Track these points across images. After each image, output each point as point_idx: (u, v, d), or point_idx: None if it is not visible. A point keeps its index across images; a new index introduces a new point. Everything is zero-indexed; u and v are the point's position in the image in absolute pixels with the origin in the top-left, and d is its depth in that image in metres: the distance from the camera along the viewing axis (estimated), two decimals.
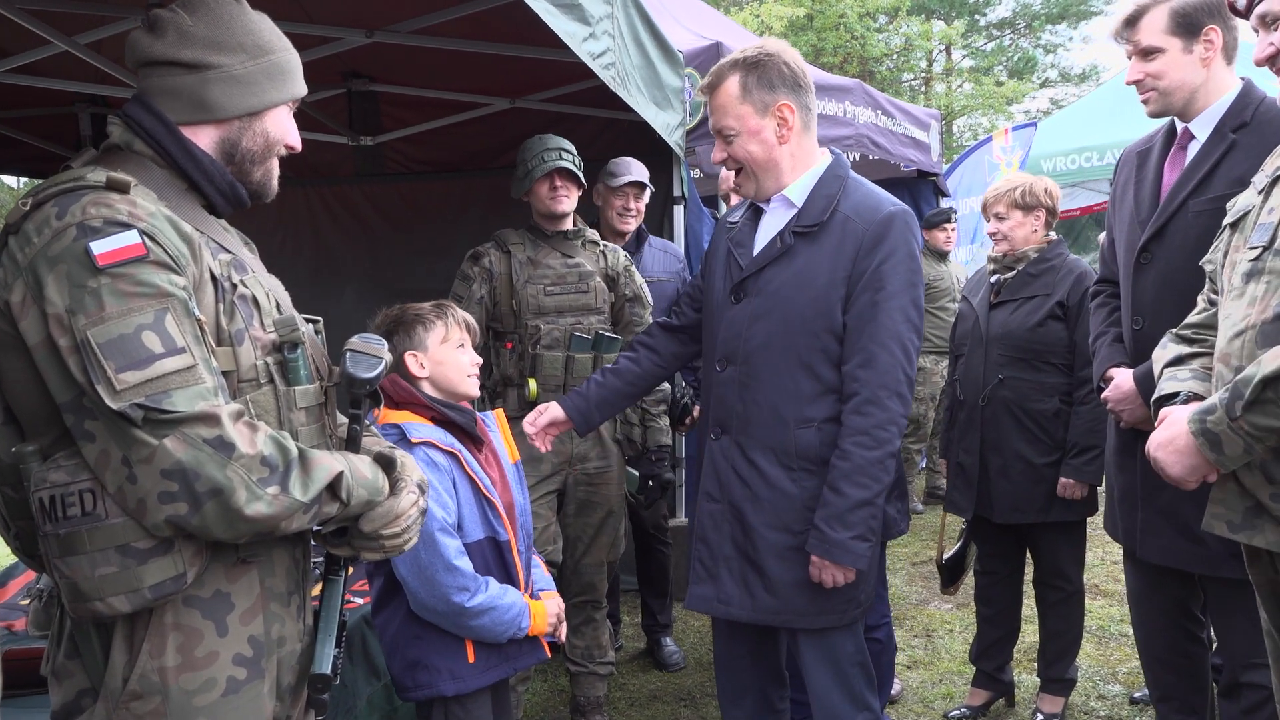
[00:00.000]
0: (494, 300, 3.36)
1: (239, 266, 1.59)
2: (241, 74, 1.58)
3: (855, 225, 2.32)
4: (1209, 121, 2.48)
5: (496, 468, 2.36)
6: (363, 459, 1.61)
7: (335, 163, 5.09)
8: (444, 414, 2.25)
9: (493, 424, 2.46)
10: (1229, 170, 2.41)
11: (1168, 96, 2.49)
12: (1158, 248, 2.52)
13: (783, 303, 2.35)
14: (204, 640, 1.49)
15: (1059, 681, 3.50)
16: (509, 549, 2.28)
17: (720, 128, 2.37)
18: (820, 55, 19.23)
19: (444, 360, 2.29)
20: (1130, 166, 2.70)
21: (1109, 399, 2.61)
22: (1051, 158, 8.90)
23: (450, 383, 2.30)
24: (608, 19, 3.07)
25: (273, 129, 1.64)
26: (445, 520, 2.16)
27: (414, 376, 2.28)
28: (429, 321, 2.29)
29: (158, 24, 1.57)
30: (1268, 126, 2.39)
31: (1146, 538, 2.59)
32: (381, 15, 3.50)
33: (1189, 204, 2.46)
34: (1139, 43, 2.48)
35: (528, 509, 2.46)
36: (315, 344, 1.71)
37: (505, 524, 2.28)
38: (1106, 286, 2.81)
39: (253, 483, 1.39)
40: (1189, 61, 2.47)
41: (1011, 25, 24.80)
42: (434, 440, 2.21)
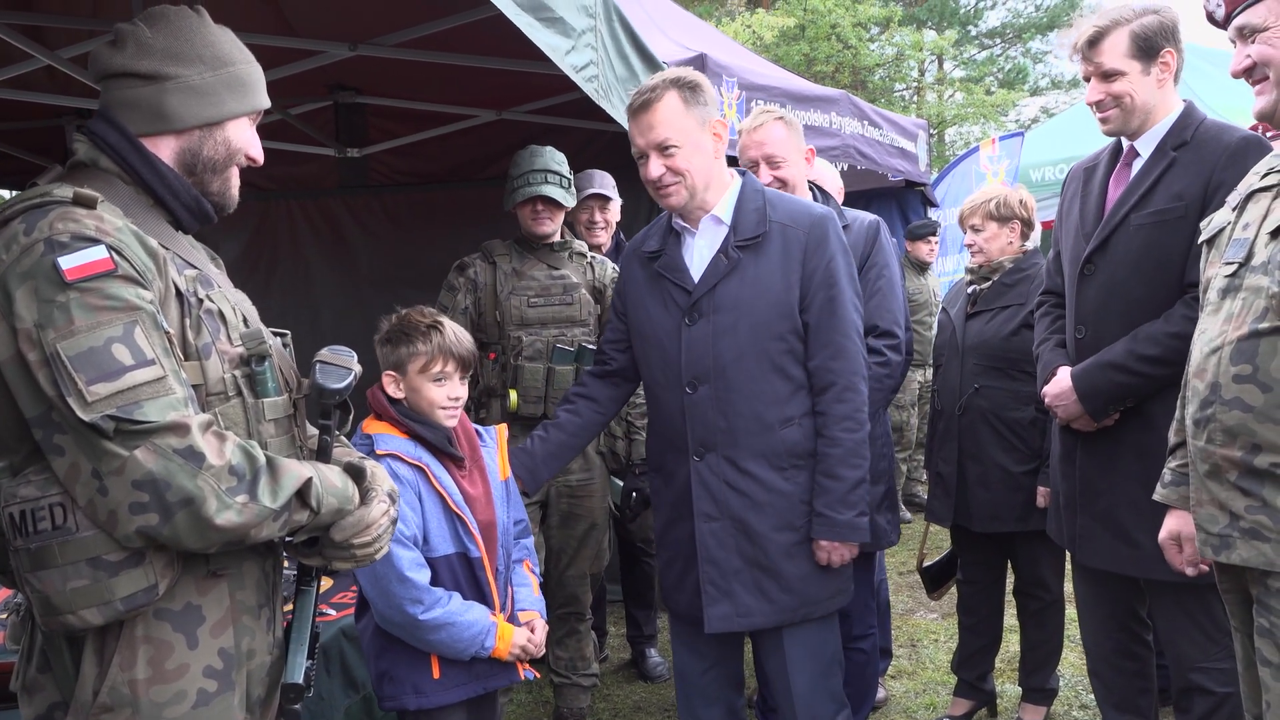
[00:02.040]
0: (479, 311, 3.38)
1: (205, 281, 1.61)
2: (199, 84, 1.60)
3: (794, 231, 2.45)
4: (1152, 140, 2.58)
5: (481, 484, 2.35)
6: (333, 468, 1.63)
7: (319, 175, 5.10)
8: (413, 430, 2.26)
9: (491, 440, 2.46)
10: (1168, 186, 2.51)
11: (1128, 116, 2.57)
12: (1101, 259, 2.60)
13: (745, 314, 2.42)
14: (174, 653, 1.50)
15: (1040, 691, 3.52)
16: (481, 566, 2.27)
17: (661, 140, 2.38)
18: (813, 65, 19.30)
19: (417, 389, 2.28)
20: (1077, 182, 2.79)
21: (1047, 394, 2.71)
22: (1040, 167, 8.94)
23: (420, 412, 2.29)
24: (590, 32, 3.08)
25: (234, 139, 1.66)
26: (402, 532, 2.16)
27: (391, 396, 2.30)
28: (414, 345, 2.26)
29: (119, 37, 1.60)
30: (1204, 146, 2.49)
31: (1085, 543, 2.67)
32: (365, 28, 3.52)
33: (1130, 218, 2.55)
34: (1100, 65, 2.54)
35: (514, 528, 2.45)
36: (283, 356, 1.73)
37: (477, 541, 2.27)
38: (1050, 298, 2.91)
39: (222, 492, 1.40)
40: (1148, 83, 2.55)
41: (1002, 35, 24.91)
42: (399, 453, 2.23)
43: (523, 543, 2.52)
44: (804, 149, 3.12)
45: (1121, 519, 2.56)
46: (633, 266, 2.62)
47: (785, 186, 2.99)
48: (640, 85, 2.44)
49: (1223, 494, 1.87)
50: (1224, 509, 1.87)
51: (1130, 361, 2.50)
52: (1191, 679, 2.56)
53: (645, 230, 2.68)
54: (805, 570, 2.46)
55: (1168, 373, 2.44)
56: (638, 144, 2.42)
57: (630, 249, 2.67)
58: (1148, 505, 2.45)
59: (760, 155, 3.05)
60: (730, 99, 4.67)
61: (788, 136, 3.06)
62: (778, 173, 3.03)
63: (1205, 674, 2.54)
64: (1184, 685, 2.59)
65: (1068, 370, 2.65)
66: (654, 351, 2.53)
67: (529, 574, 2.51)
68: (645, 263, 2.57)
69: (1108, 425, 2.60)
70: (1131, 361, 2.49)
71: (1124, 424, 2.58)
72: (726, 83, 4.63)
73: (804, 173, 3.12)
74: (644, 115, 2.38)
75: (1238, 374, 1.84)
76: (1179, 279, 2.49)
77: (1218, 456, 1.88)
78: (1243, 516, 1.84)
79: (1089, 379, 2.57)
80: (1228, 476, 1.86)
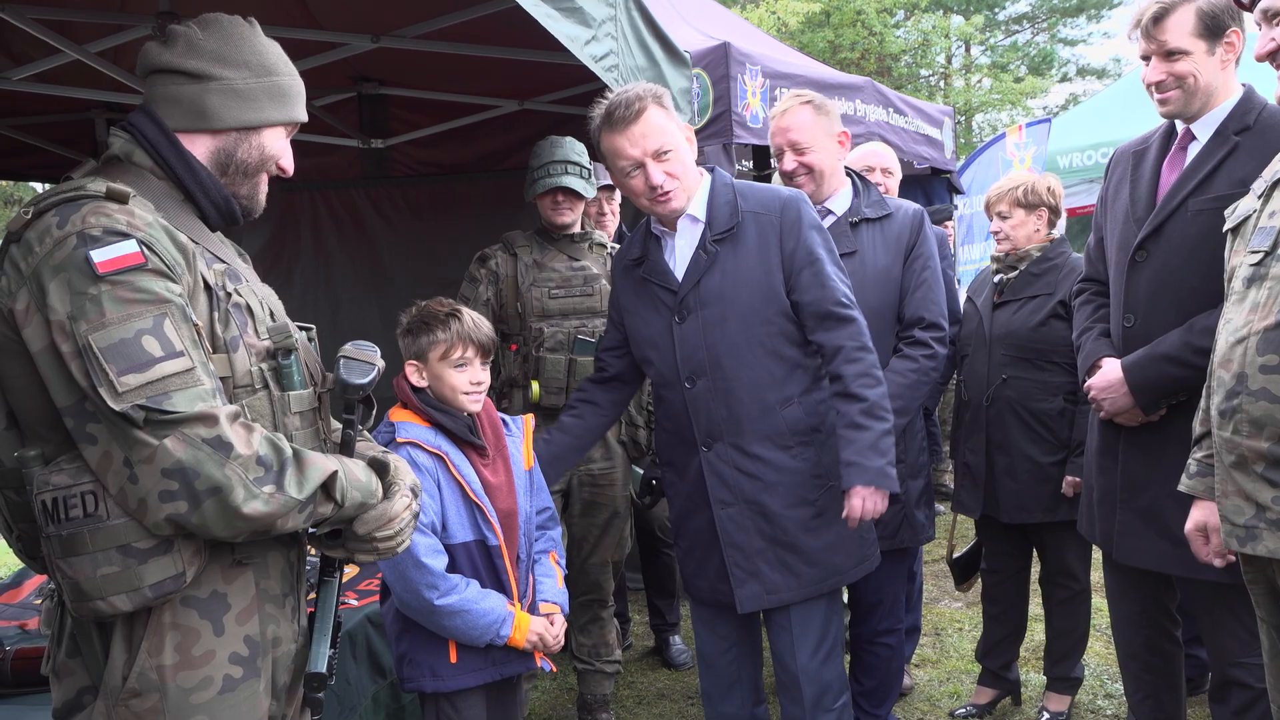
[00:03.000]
0: (500, 302, 3.39)
1: (233, 276, 1.64)
2: (243, 88, 1.64)
3: (766, 218, 2.49)
4: (1211, 124, 2.47)
5: (503, 473, 2.38)
6: (356, 463, 1.65)
7: (342, 166, 5.14)
8: (434, 418, 2.31)
9: (517, 430, 2.50)
10: (1231, 172, 2.40)
11: (1190, 98, 2.45)
12: (1154, 246, 2.51)
13: (731, 304, 2.46)
14: (201, 639, 1.53)
15: (1065, 680, 3.50)
16: (499, 554, 2.31)
17: (659, 147, 2.40)
18: (838, 51, 19.17)
19: (440, 375, 2.32)
20: (1125, 166, 2.68)
21: (1093, 386, 2.62)
22: (1068, 154, 8.85)
23: (444, 398, 2.33)
24: (610, 21, 3.08)
25: (268, 146, 1.69)
26: (421, 516, 2.16)
27: (414, 384, 2.35)
28: (434, 334, 2.31)
29: (171, 36, 1.64)
30: (1270, 132, 2.39)
31: (1124, 540, 2.60)
32: (387, 21, 3.54)
33: (1188, 203, 2.45)
34: (1165, 43, 2.43)
35: (537, 517, 2.47)
36: (309, 350, 1.76)
37: (495, 529, 2.30)
38: (1091, 285, 2.81)
39: (249, 481, 1.43)
40: (1212, 64, 2.43)
41: (1030, 20, 24.63)
42: (419, 441, 2.28)
43: (549, 534, 2.54)
44: (835, 133, 3.02)
45: (1166, 516, 2.48)
46: (621, 276, 2.67)
47: (812, 173, 2.97)
48: (612, 101, 2.43)
49: (1249, 485, 1.85)
50: (1250, 500, 1.85)
51: (1186, 354, 2.40)
52: (1231, 673, 2.52)
53: (628, 241, 2.72)
54: (826, 542, 2.52)
55: None
56: (630, 155, 2.41)
57: (617, 260, 2.71)
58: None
59: (784, 141, 3.00)
60: (755, 87, 4.66)
61: (814, 121, 2.98)
62: (803, 159, 2.97)
63: (1245, 669, 2.49)
64: (1223, 679, 2.55)
65: (1115, 362, 2.57)
66: (651, 353, 2.58)
67: (554, 565, 2.52)
68: (630, 270, 2.62)
69: (1152, 419, 2.54)
70: (1187, 354, 2.40)
71: (1171, 417, 2.51)
72: (750, 71, 4.62)
73: (835, 158, 3.02)
74: (633, 127, 2.39)
75: (1264, 364, 1.81)
76: None
77: (1244, 447, 1.85)
78: (1269, 508, 1.82)
79: (1142, 371, 2.48)
80: (1254, 468, 1.84)
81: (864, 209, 2.98)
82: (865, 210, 2.98)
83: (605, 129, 2.43)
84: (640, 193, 2.45)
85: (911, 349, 2.90)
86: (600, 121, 2.44)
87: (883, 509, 2.47)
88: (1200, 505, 2.12)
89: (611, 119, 2.41)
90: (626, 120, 2.39)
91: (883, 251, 2.94)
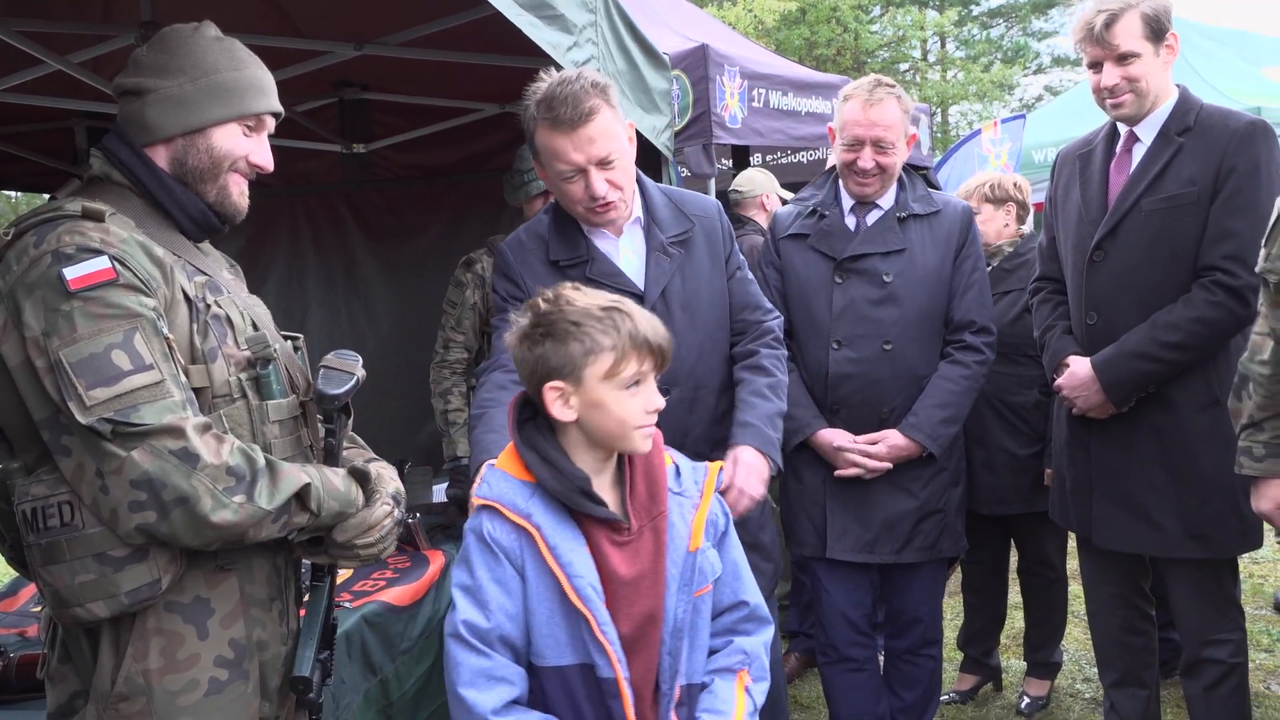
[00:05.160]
0: (486, 306, 3.43)
1: (214, 288, 1.68)
2: (178, 94, 1.66)
3: (709, 222, 2.47)
4: (1154, 125, 2.59)
5: (647, 558, 1.61)
6: (336, 472, 1.69)
7: (323, 171, 5.15)
8: (539, 472, 1.60)
9: (694, 484, 1.71)
10: (1179, 172, 2.53)
11: (1143, 100, 2.56)
12: (1111, 246, 2.61)
13: (695, 310, 2.39)
14: (185, 643, 1.58)
15: (1045, 665, 3.59)
16: (615, 691, 1.55)
17: (604, 155, 2.19)
18: (814, 48, 19.27)
19: (602, 403, 1.58)
20: (1072, 168, 2.78)
21: (1063, 385, 2.70)
22: (1043, 148, 8.94)
23: (605, 434, 1.60)
24: (591, 27, 3.13)
25: (220, 146, 1.69)
26: (476, 623, 1.54)
27: (553, 417, 1.60)
28: (593, 341, 1.57)
29: (129, 61, 1.68)
30: (1211, 131, 2.52)
31: (1103, 526, 2.69)
32: (369, 28, 3.57)
33: (1141, 203, 2.57)
34: (1118, 47, 2.53)
35: (695, 624, 1.65)
36: (293, 360, 1.79)
37: (610, 652, 1.54)
38: (1047, 283, 2.91)
39: (218, 491, 1.48)
40: (1158, 66, 2.55)
41: (1003, 14, 24.81)
42: (500, 504, 1.59)
43: (736, 644, 1.71)
44: (910, 134, 2.82)
45: (1143, 501, 2.60)
46: (541, 272, 2.33)
47: (885, 174, 2.75)
48: (556, 92, 2.17)
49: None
50: None
51: (1154, 349, 2.51)
52: (1203, 651, 2.64)
53: (528, 234, 2.43)
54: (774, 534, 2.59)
55: (1190, 357, 2.49)
56: (572, 160, 2.18)
57: (532, 256, 2.38)
58: (1168, 486, 2.54)
59: (869, 136, 2.70)
60: (733, 88, 4.71)
61: (902, 119, 2.74)
62: (884, 158, 2.72)
63: (1217, 646, 2.62)
64: (1195, 656, 2.66)
65: (1083, 360, 2.65)
66: None
67: (735, 693, 1.67)
68: (560, 271, 2.30)
69: (1121, 411, 2.63)
70: (1155, 349, 2.51)
71: (1142, 407, 2.61)
72: (729, 72, 4.67)
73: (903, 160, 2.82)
74: (581, 130, 2.14)
75: None
76: (1193, 263, 2.52)
77: None
78: None
79: (1114, 369, 2.57)
80: None
81: (912, 204, 2.80)
82: (913, 205, 2.80)
83: (546, 124, 2.17)
84: (578, 200, 2.25)
85: (963, 354, 2.78)
86: (539, 112, 2.18)
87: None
88: (1274, 484, 2.22)
89: (556, 116, 2.15)
90: (574, 122, 2.14)
91: (932, 250, 2.78)
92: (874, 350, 2.74)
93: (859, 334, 2.74)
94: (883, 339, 2.73)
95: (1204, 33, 10.09)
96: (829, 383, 2.77)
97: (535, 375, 1.60)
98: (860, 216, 2.82)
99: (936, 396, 2.74)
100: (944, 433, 2.73)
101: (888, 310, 2.74)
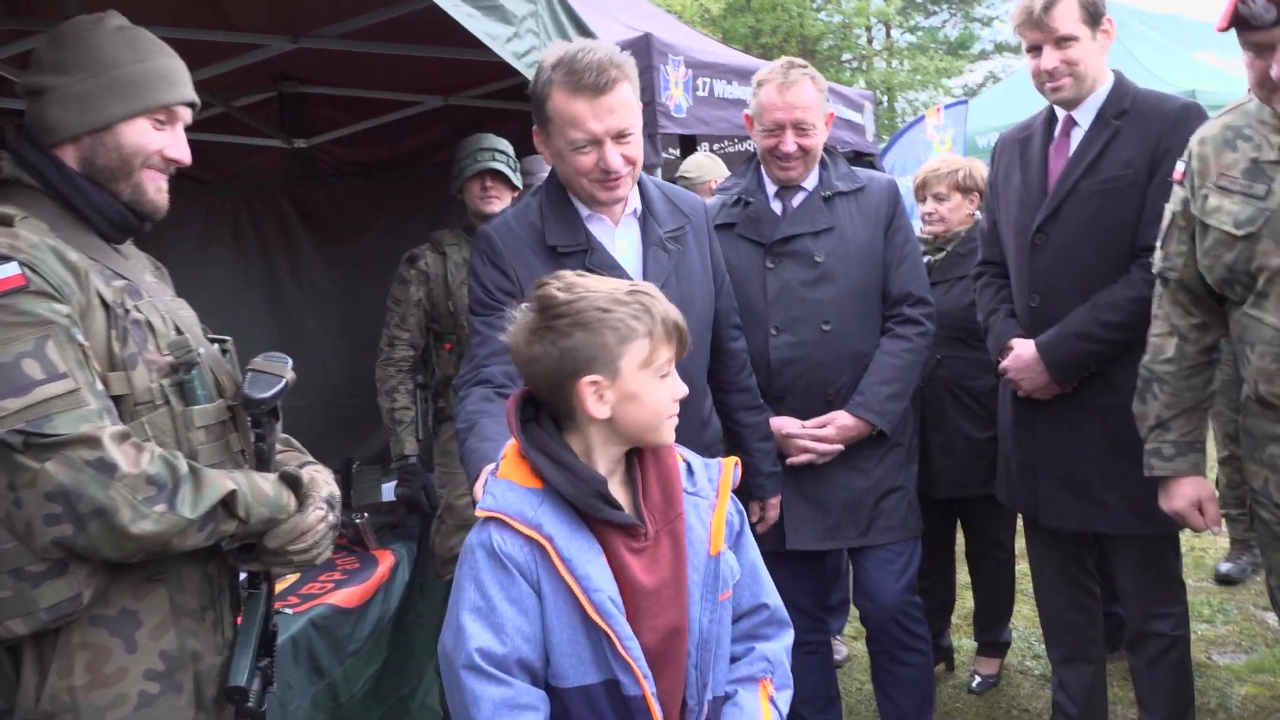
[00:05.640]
0: (431, 302, 3.41)
1: (133, 292, 1.63)
2: (79, 91, 1.60)
3: (697, 220, 2.36)
4: (1091, 109, 2.62)
5: (668, 565, 1.49)
6: (267, 478, 1.65)
7: (265, 167, 5.07)
8: (550, 476, 1.47)
9: (709, 482, 1.61)
10: (1116, 154, 2.57)
11: (1081, 84, 2.60)
12: (1052, 229, 2.65)
13: (690, 310, 2.18)
14: (112, 657, 1.53)
15: (995, 644, 3.65)
16: (643, 708, 1.44)
17: (624, 128, 2.09)
18: (759, 36, 19.33)
19: (638, 394, 1.49)
20: (1012, 153, 2.82)
21: (1008, 368, 2.74)
22: (986, 133, 9.04)
23: (639, 427, 1.51)
24: (532, 17, 3.09)
25: (129, 143, 1.63)
26: (491, 649, 1.41)
27: (586, 415, 1.49)
28: (627, 328, 1.47)
29: (31, 58, 1.63)
30: (1147, 115, 2.57)
31: (1050, 505, 2.73)
32: (305, 21, 3.51)
33: (1080, 186, 2.60)
34: (1056, 30, 2.55)
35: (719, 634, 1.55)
36: (220, 364, 1.74)
37: (634, 670, 1.43)
38: (990, 267, 2.95)
39: (138, 501, 1.43)
40: (1094, 49, 2.59)
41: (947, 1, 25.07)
42: (509, 517, 1.45)
43: (758, 651, 1.63)
44: (827, 112, 2.77)
45: (1088, 480, 2.64)
46: (533, 261, 2.17)
47: (808, 156, 2.71)
48: (578, 57, 2.06)
49: None
50: None
51: (1095, 329, 2.56)
52: (1148, 625, 2.70)
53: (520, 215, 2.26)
54: None
55: (1131, 336, 2.53)
56: (590, 129, 2.05)
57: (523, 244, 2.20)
58: (1112, 464, 2.59)
59: (789, 120, 2.66)
60: (677, 77, 4.70)
61: (819, 99, 2.70)
62: (804, 141, 2.68)
63: (1160, 619, 2.69)
64: (1139, 630, 2.73)
65: (1027, 342, 2.68)
66: None
67: (761, 703, 1.59)
68: (556, 258, 2.15)
69: (1065, 392, 2.67)
70: (1096, 329, 2.55)
71: (1085, 387, 2.65)
72: (673, 61, 4.66)
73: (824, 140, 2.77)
74: (604, 98, 2.04)
75: None
76: (1131, 244, 2.56)
77: None
78: None
79: (1056, 350, 2.60)
80: None
81: (835, 182, 2.76)
82: (837, 184, 2.76)
83: (565, 88, 2.04)
84: (586, 172, 2.10)
85: (903, 328, 2.76)
86: (557, 75, 2.05)
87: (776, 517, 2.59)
88: (1189, 482, 2.28)
89: (579, 81, 2.02)
90: (598, 89, 2.02)
91: (862, 226, 2.74)
92: (813, 332, 2.70)
93: (796, 317, 2.70)
94: (821, 320, 2.70)
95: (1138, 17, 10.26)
96: (771, 370, 2.71)
97: (561, 371, 1.46)
98: (785, 200, 2.79)
99: (881, 373, 2.71)
100: (892, 408, 2.70)
101: (823, 290, 2.70)
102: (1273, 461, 2.08)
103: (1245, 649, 3.81)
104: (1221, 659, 3.74)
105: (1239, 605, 4.22)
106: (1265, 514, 2.14)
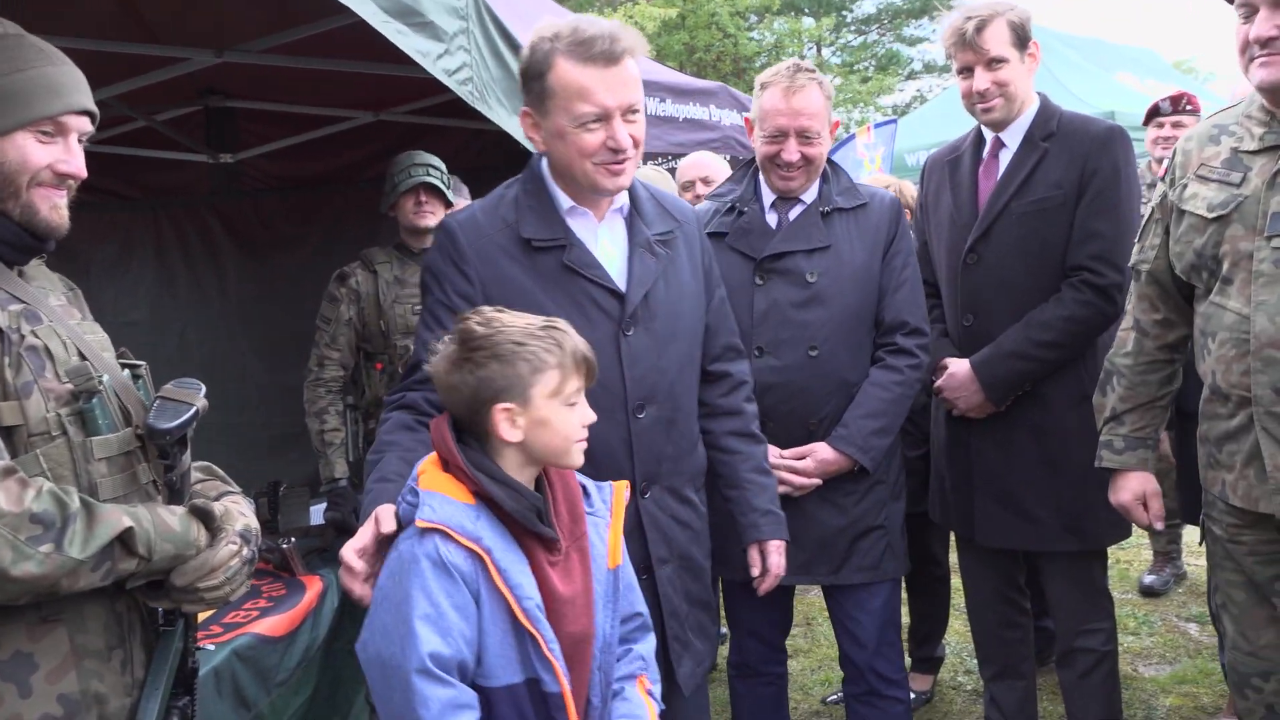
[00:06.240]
0: (362, 321, 3.34)
1: (31, 316, 1.53)
2: None
3: (688, 226, 2.18)
4: (1018, 131, 2.68)
5: (579, 578, 1.67)
6: (174, 511, 1.56)
7: (191, 182, 4.95)
8: (488, 491, 1.59)
9: (603, 503, 1.77)
10: (1045, 175, 2.63)
11: (1010, 105, 2.65)
12: (984, 249, 2.69)
13: (677, 320, 2.09)
14: (4, 703, 1.44)
15: (929, 660, 3.67)
16: (560, 705, 1.59)
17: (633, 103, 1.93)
18: (694, 54, 19.49)
19: (548, 421, 1.62)
20: (941, 174, 2.86)
21: (943, 387, 2.76)
22: (915, 151, 9.24)
23: (549, 450, 1.65)
24: (463, 34, 3.06)
25: (10, 159, 1.51)
26: (440, 652, 1.52)
27: (499, 439, 1.62)
28: (539, 363, 1.60)
29: None
30: (1073, 136, 2.63)
31: (985, 524, 2.76)
32: (231, 35, 3.44)
33: (1011, 206, 2.65)
34: (987, 52, 2.60)
35: (623, 628, 1.77)
36: (128, 391, 1.64)
37: (557, 668, 1.59)
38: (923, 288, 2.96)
39: (21, 542, 1.34)
40: (1023, 72, 2.65)
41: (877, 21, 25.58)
42: (450, 529, 1.55)
43: (634, 651, 1.81)
44: (832, 122, 2.61)
45: (1022, 498, 2.67)
46: (500, 260, 1.98)
47: (810, 166, 2.54)
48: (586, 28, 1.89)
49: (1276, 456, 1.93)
50: None
51: (1029, 348, 2.59)
52: (1077, 641, 2.75)
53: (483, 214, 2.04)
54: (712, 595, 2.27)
55: (1064, 355, 2.58)
56: (601, 102, 1.86)
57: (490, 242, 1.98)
58: (1045, 483, 2.62)
59: (793, 126, 2.48)
60: None
61: (825, 106, 2.53)
62: (808, 150, 2.51)
63: (1089, 635, 2.74)
64: (1069, 646, 2.77)
65: (961, 362, 2.71)
66: None
67: (643, 697, 1.79)
68: (530, 253, 1.97)
69: (999, 410, 2.69)
70: (1030, 348, 2.59)
71: (1018, 406, 2.68)
72: None
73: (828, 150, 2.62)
74: (616, 68, 1.87)
75: None
76: (1061, 263, 2.61)
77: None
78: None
79: (991, 369, 2.63)
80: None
81: (836, 197, 2.58)
82: (838, 199, 2.58)
83: (573, 58, 1.86)
84: (591, 153, 1.90)
85: (895, 358, 2.55)
86: (563, 45, 1.86)
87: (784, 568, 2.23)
88: (1135, 477, 2.30)
89: (590, 50, 1.85)
90: (610, 58, 1.85)
91: (860, 246, 2.55)
92: (799, 357, 2.51)
93: (783, 339, 2.52)
94: (808, 344, 2.51)
95: (1062, 40, 10.57)
96: None
97: (478, 399, 1.60)
98: (781, 212, 2.60)
99: (867, 405, 2.52)
100: (876, 444, 2.51)
101: (813, 312, 2.52)
102: (1230, 460, 2.06)
103: (1169, 660, 3.89)
104: (1147, 671, 3.81)
105: (1163, 617, 4.32)
106: (1218, 530, 2.14)
